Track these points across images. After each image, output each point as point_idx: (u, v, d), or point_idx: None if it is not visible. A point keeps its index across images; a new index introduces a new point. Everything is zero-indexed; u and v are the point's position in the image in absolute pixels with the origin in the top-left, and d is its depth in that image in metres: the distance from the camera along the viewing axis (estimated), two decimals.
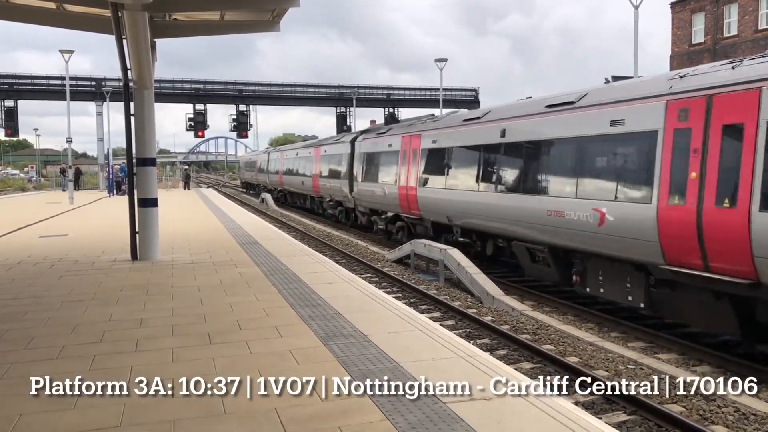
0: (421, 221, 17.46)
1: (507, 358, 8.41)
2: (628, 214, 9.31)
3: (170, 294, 8.71)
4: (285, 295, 8.46)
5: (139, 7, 9.97)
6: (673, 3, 36.88)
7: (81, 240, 15.11)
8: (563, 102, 11.41)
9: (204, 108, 43.68)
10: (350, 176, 23.72)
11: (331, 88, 58.59)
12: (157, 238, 12.05)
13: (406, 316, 7.38)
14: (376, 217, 21.51)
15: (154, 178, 12.31)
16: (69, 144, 38.60)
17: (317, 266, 10.97)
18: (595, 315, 10.80)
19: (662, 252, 8.70)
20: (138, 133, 11.80)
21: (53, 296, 8.60)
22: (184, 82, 55.50)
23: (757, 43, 30.86)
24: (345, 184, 24.32)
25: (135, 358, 5.80)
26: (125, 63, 11.41)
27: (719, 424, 6.37)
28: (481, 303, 11.89)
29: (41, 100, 59.86)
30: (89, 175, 56.46)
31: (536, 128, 12.16)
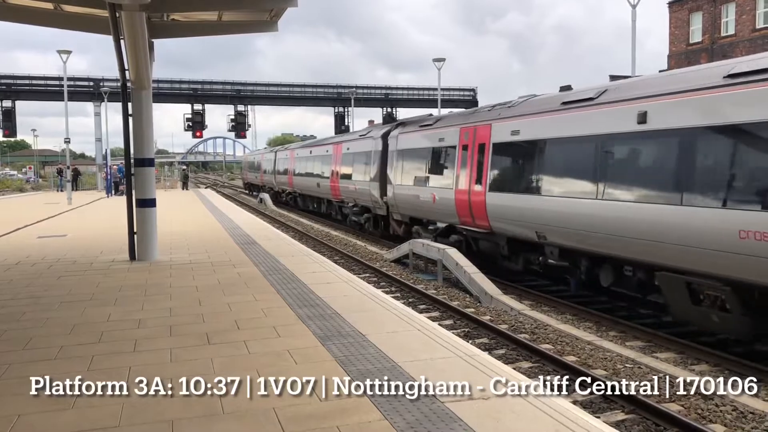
0: (490, 236, 13.83)
1: (505, 358, 8.42)
2: None
3: (168, 294, 8.71)
4: (283, 295, 8.46)
5: (136, 8, 9.96)
6: (671, 2, 36.91)
7: (79, 240, 15.10)
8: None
9: (202, 108, 43.43)
10: (382, 177, 20.03)
11: (329, 88, 58.57)
12: (155, 238, 12.06)
13: (404, 315, 7.38)
14: (418, 227, 17.70)
15: (152, 179, 12.31)
16: (67, 144, 38.64)
17: (316, 266, 10.97)
18: (593, 314, 10.80)
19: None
20: (136, 133, 11.80)
21: (52, 296, 8.60)
22: (182, 82, 55.46)
23: (754, 42, 30.89)
24: (375, 187, 20.50)
25: (133, 358, 5.80)
26: (123, 63, 11.40)
27: (717, 422, 6.38)
28: (480, 302, 11.89)
29: (39, 101, 59.79)
30: (87, 175, 56.41)
31: (718, 108, 8.23)
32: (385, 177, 19.65)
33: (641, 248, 9.32)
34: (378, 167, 20.35)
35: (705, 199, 8.22)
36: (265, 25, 13.42)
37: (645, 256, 9.39)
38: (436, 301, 11.63)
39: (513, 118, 13.13)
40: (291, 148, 38.16)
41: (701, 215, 8.16)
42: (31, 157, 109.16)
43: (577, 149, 11.02)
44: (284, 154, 38.71)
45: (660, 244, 8.89)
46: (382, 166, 19.99)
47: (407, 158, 18.16)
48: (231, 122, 45.41)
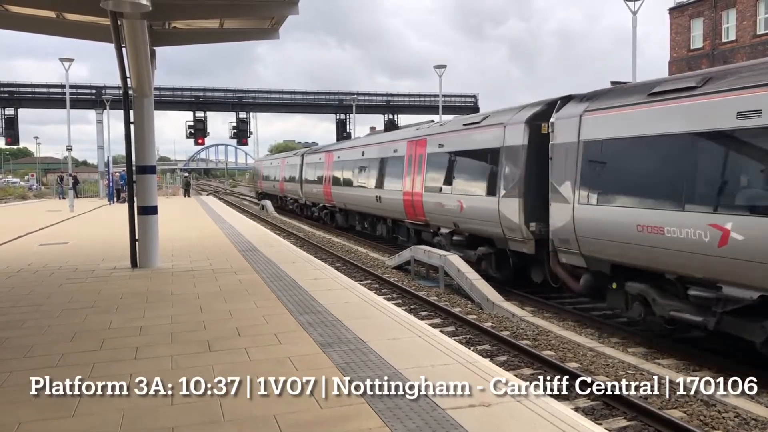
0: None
1: (507, 364, 8.39)
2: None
3: (170, 301, 8.71)
4: (284, 301, 8.46)
5: (138, 16, 10.00)
6: (672, 8, 37.00)
7: (81, 248, 15.11)
8: None
9: (204, 115, 43.72)
10: (530, 190, 12.37)
11: (330, 95, 58.78)
12: (157, 245, 12.06)
13: (405, 322, 7.37)
14: (643, 287, 9.40)
15: (154, 186, 12.33)
16: (69, 152, 38.75)
17: (317, 273, 10.97)
18: (595, 320, 10.78)
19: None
20: (138, 140, 11.83)
21: (53, 304, 8.60)
22: (184, 89, 55.69)
23: (755, 48, 30.93)
24: (511, 207, 12.78)
25: (134, 365, 5.79)
26: (125, 71, 11.43)
27: (720, 429, 6.36)
28: (481, 309, 11.88)
29: (41, 108, 60.04)
30: (89, 183, 56.51)
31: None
32: (539, 190, 11.85)
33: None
34: (520, 173, 12.65)
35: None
36: (266, 32, 13.45)
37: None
38: (437, 308, 11.62)
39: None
40: (327, 150, 29.71)
41: None
42: (34, 165, 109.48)
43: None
44: (316, 158, 30.84)
45: None
46: (530, 171, 12.44)
47: (620, 156, 9.82)
48: (233, 129, 45.62)
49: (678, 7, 36.51)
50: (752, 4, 31.95)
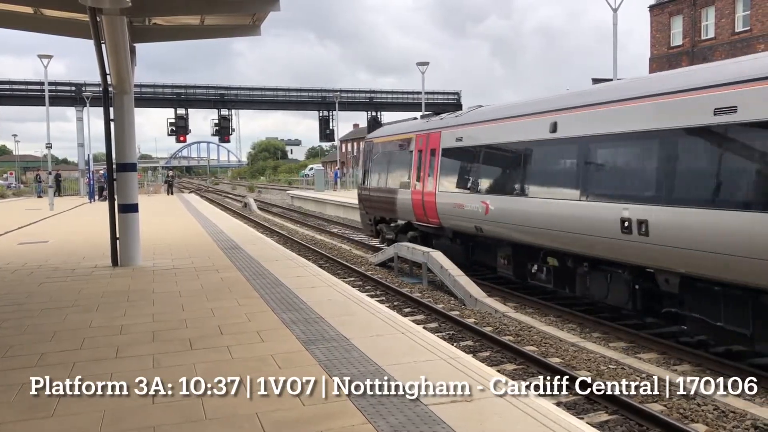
0: None
1: (490, 360, 8.44)
2: None
3: (151, 300, 8.65)
4: (267, 299, 8.43)
5: (117, 12, 9.90)
6: (652, 6, 37.32)
7: (61, 246, 14.96)
8: None
9: (185, 112, 43.44)
10: None
11: (313, 92, 58.44)
12: (138, 243, 11.97)
13: (389, 319, 7.39)
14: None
15: (135, 184, 12.23)
16: (48, 150, 38.26)
17: (300, 270, 10.95)
18: (576, 316, 10.86)
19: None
20: (118, 138, 11.72)
21: (33, 303, 8.51)
22: (165, 86, 55.08)
23: (734, 45, 31.29)
24: None
25: (116, 364, 5.75)
26: (104, 68, 11.32)
27: (699, 422, 6.43)
28: (464, 305, 11.92)
29: (20, 106, 59.20)
30: (70, 180, 55.87)
31: None
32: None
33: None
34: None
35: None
36: (248, 29, 13.39)
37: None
38: (420, 305, 11.64)
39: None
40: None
41: None
42: (13, 163, 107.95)
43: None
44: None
45: None
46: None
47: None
48: (215, 126, 45.38)
49: (658, 4, 36.83)
50: (731, 2, 32.33)
